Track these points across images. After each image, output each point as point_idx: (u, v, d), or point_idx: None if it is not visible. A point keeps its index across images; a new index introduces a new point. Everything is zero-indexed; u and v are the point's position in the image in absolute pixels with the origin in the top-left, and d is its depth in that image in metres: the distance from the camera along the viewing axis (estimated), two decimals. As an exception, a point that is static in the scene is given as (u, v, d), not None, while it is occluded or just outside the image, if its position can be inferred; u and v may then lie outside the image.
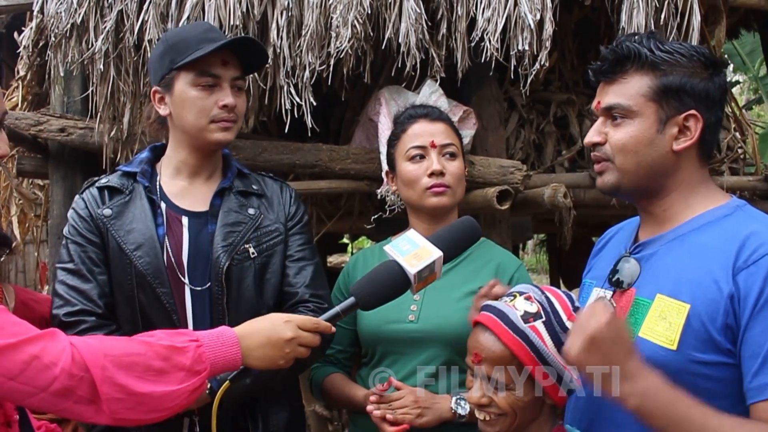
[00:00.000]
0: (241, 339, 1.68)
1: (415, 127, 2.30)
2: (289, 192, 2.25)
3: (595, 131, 1.73)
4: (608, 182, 1.71)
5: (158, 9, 2.71)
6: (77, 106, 3.27)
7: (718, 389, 1.52)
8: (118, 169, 2.19)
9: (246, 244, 2.07)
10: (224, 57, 2.04)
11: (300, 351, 1.74)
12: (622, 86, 1.68)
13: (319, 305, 2.09)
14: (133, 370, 1.51)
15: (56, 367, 1.45)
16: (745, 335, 1.47)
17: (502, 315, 1.63)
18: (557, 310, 1.64)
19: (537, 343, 1.58)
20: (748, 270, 1.49)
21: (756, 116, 12.59)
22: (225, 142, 2.10)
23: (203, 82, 2.03)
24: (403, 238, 1.75)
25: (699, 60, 1.65)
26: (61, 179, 3.29)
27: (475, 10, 2.74)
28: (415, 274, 1.67)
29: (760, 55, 8.39)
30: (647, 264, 1.70)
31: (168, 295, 2.01)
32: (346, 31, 2.61)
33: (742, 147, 4.20)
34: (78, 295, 1.99)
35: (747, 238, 1.52)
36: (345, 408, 2.36)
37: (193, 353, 1.59)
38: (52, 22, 2.82)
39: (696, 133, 1.63)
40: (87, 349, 1.50)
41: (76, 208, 2.09)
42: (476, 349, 1.65)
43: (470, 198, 3.02)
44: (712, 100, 1.65)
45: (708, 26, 3.53)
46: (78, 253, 2.04)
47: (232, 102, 2.04)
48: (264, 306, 2.07)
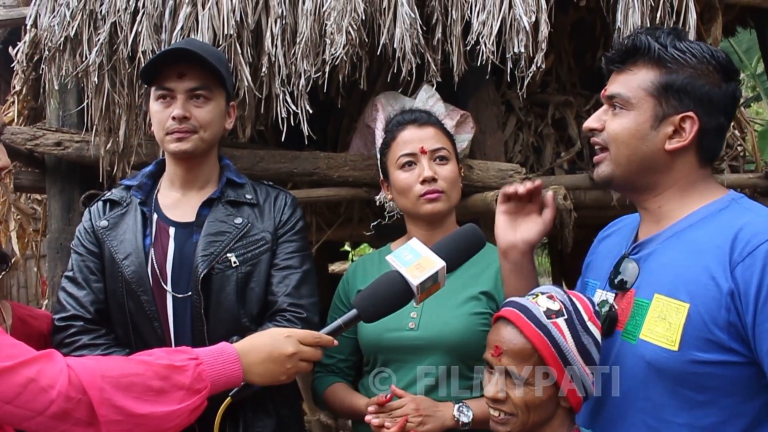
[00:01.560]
0: (241, 355, 1.67)
1: (404, 134, 2.28)
2: (285, 199, 2.27)
3: (595, 117, 1.74)
4: (603, 173, 1.73)
5: (152, 20, 2.69)
6: (73, 119, 3.26)
7: (723, 388, 1.50)
8: (120, 182, 2.31)
9: (228, 254, 2.11)
10: (181, 69, 2.11)
11: (302, 366, 1.74)
12: (628, 77, 1.68)
13: (296, 314, 2.10)
14: (131, 390, 1.50)
15: (53, 390, 1.44)
16: (757, 331, 1.44)
17: (525, 310, 1.63)
18: (579, 310, 1.63)
19: (559, 339, 1.58)
20: (744, 263, 1.47)
21: (755, 114, 12.60)
22: (181, 153, 2.14)
23: (159, 95, 2.14)
24: (405, 248, 1.73)
25: (710, 64, 1.63)
26: (58, 193, 3.27)
27: (469, 13, 2.72)
28: (417, 286, 1.65)
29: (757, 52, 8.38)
30: (645, 264, 1.68)
31: (150, 303, 2.10)
32: (340, 37, 2.60)
33: (742, 144, 4.19)
34: (72, 301, 2.12)
35: (740, 230, 1.50)
36: (347, 418, 2.34)
37: (192, 372, 1.58)
38: (46, 35, 2.80)
39: (690, 136, 1.62)
40: (84, 370, 1.48)
41: (83, 220, 2.25)
42: (497, 342, 1.64)
43: (470, 202, 3.01)
44: (714, 106, 1.63)
45: (704, 24, 3.52)
46: (78, 262, 2.18)
47: (179, 113, 2.10)
48: (246, 315, 2.11)
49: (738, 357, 1.48)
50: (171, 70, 2.10)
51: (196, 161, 2.20)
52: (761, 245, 1.46)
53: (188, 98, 2.12)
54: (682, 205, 1.67)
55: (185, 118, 2.11)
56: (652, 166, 1.66)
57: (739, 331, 1.47)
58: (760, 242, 1.47)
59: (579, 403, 1.63)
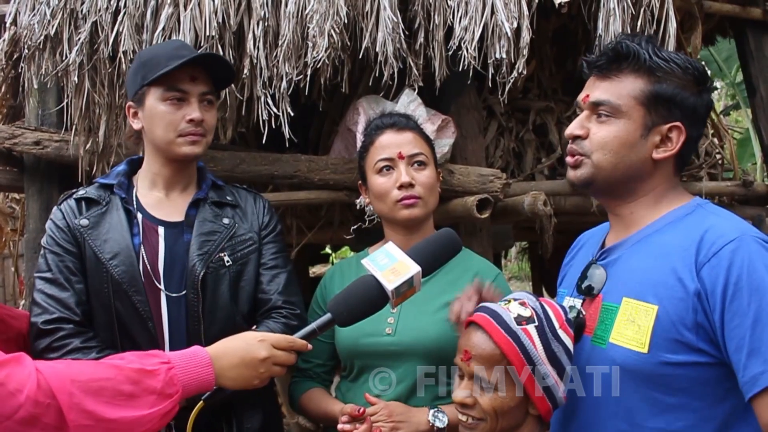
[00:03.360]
0: (214, 359, 1.67)
1: (382, 139, 2.28)
2: (263, 203, 2.32)
3: (577, 124, 1.72)
4: (582, 176, 1.71)
5: (133, 20, 2.68)
6: (52, 118, 3.22)
7: (693, 390, 1.52)
8: (95, 181, 2.26)
9: (221, 253, 2.14)
10: (193, 73, 2.13)
11: (275, 370, 1.74)
12: (615, 84, 1.67)
13: (291, 311, 2.17)
14: (101, 395, 1.49)
15: (21, 395, 1.41)
16: (725, 330, 1.47)
17: (496, 315, 1.63)
18: (550, 318, 1.63)
19: (527, 345, 1.58)
20: (709, 263, 1.49)
21: (734, 122, 12.73)
22: (193, 156, 2.17)
23: (171, 96, 2.11)
24: (381, 252, 1.73)
25: (692, 74, 1.65)
26: (36, 193, 3.24)
27: (452, 18, 2.73)
28: (393, 290, 1.65)
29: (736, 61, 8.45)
30: (612, 269, 1.70)
31: (143, 303, 2.07)
32: (322, 40, 2.60)
33: (720, 153, 4.24)
34: (56, 303, 2.05)
35: (705, 232, 1.53)
36: (322, 423, 2.33)
37: (164, 376, 1.56)
38: (26, 33, 2.78)
39: (677, 145, 1.64)
40: (53, 374, 1.46)
41: (54, 219, 2.16)
42: (467, 346, 1.65)
43: (450, 207, 3.01)
44: (697, 116, 1.66)
45: (684, 33, 3.56)
46: (56, 262, 2.10)
47: (198, 116, 2.12)
48: (239, 313, 2.15)
49: (706, 357, 1.50)
50: (182, 72, 2.10)
51: (188, 163, 2.22)
52: (726, 245, 1.49)
53: (200, 101, 2.14)
54: (652, 212, 1.69)
55: (202, 121, 2.13)
56: (636, 174, 1.67)
57: (707, 331, 1.50)
58: (724, 243, 1.50)
59: (548, 411, 1.63)
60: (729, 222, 1.57)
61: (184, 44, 2.29)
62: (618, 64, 1.67)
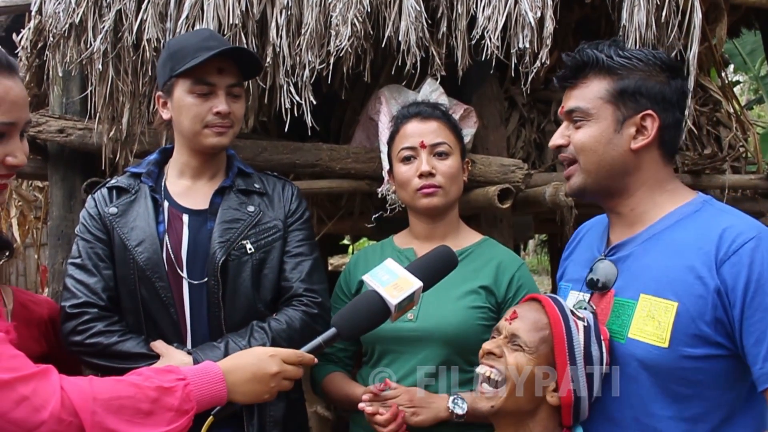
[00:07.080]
0: (226, 374, 1.69)
1: (407, 128, 2.29)
2: (291, 189, 2.33)
3: (558, 134, 1.81)
4: (575, 185, 1.80)
5: (157, 8, 2.69)
6: (76, 106, 3.25)
7: (707, 381, 1.58)
8: (126, 170, 2.32)
9: (243, 240, 2.15)
10: (221, 65, 2.14)
11: (284, 384, 1.77)
12: (582, 90, 1.76)
13: (312, 299, 2.17)
14: (122, 413, 1.52)
15: (45, 411, 1.44)
16: (743, 325, 1.52)
17: (555, 299, 1.71)
18: (599, 330, 1.69)
19: (573, 330, 1.64)
20: (730, 261, 1.55)
21: (756, 116, 12.53)
22: (220, 147, 2.20)
23: (198, 90, 2.14)
24: (381, 268, 1.77)
25: (656, 64, 1.73)
26: (60, 180, 3.27)
27: (475, 8, 2.72)
28: (396, 305, 1.69)
29: (760, 54, 8.38)
30: (624, 265, 1.75)
31: (166, 289, 2.11)
32: (345, 29, 2.60)
33: (744, 146, 4.20)
34: (83, 288, 2.12)
35: (724, 231, 1.58)
36: (344, 407, 2.35)
37: (181, 393, 1.59)
38: (50, 22, 2.80)
39: (653, 132, 1.70)
40: (76, 392, 1.49)
41: (87, 207, 2.24)
42: (517, 309, 1.73)
43: (471, 197, 3.01)
44: (668, 102, 1.72)
45: (709, 24, 3.52)
46: (86, 249, 2.17)
47: (225, 109, 2.14)
48: (260, 300, 2.17)
49: (722, 350, 1.56)
50: (210, 64, 2.11)
51: (215, 154, 2.24)
52: (746, 244, 1.55)
53: (227, 94, 2.16)
54: (655, 207, 1.74)
55: (228, 114, 2.15)
56: (621, 168, 1.73)
57: (725, 325, 1.55)
58: (744, 241, 1.55)
59: (568, 405, 1.65)
60: (744, 220, 1.63)
61: (212, 34, 2.29)
62: (583, 72, 1.76)
